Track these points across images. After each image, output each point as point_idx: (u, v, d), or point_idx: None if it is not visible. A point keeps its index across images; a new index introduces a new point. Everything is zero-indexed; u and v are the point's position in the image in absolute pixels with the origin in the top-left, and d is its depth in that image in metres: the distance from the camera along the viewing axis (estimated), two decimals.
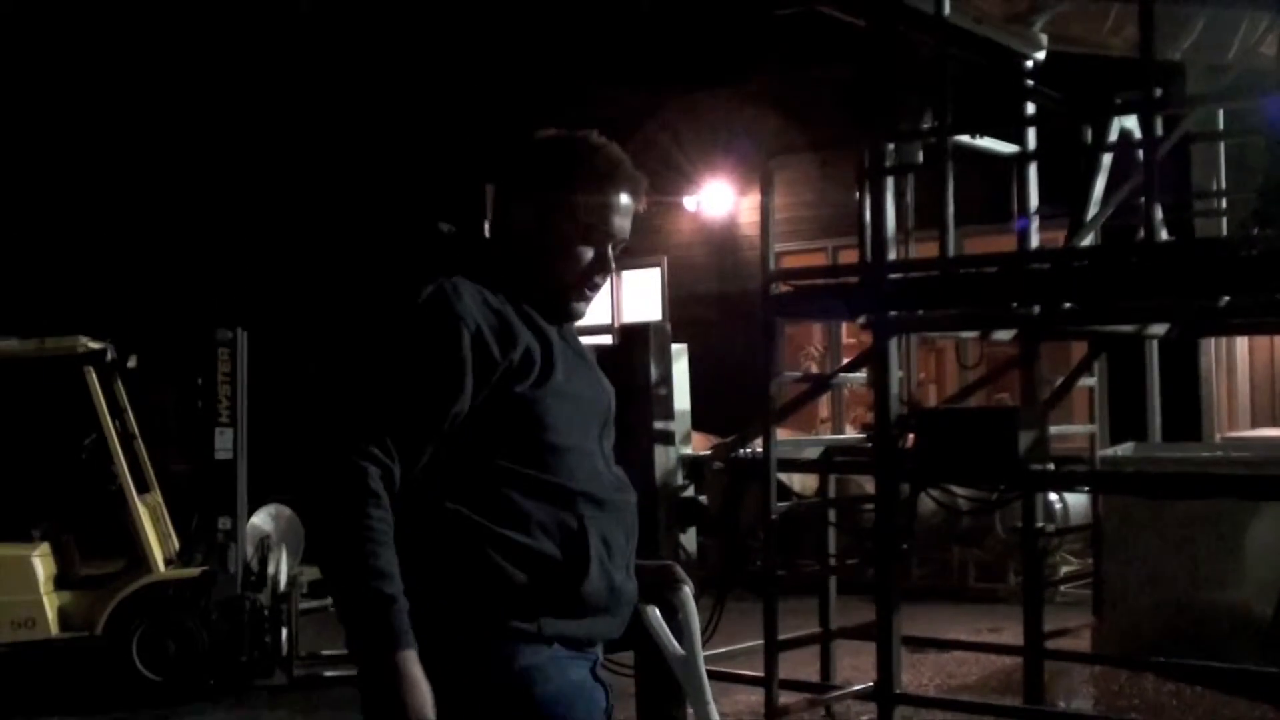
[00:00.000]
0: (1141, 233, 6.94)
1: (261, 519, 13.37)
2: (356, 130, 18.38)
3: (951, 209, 7.26)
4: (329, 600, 11.87)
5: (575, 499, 3.16)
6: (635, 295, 17.38)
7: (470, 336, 3.10)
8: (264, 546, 10.99)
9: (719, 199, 16.13)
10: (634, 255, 16.99)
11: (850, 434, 14.21)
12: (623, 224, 3.40)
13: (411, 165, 18.08)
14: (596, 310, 17.93)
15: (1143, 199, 6.70)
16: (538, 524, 3.10)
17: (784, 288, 8.26)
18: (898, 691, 7.61)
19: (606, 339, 15.22)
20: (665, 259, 16.89)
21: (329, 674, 11.06)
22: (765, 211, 8.18)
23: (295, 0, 17.96)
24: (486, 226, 3.47)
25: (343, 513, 2.94)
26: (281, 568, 10.93)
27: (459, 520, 3.07)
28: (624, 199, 3.39)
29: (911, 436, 7.58)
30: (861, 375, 8.83)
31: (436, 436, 3.08)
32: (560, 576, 3.10)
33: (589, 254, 3.35)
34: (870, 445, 7.79)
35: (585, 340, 3.56)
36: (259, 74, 18.45)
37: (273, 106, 18.55)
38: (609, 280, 3.55)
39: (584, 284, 3.37)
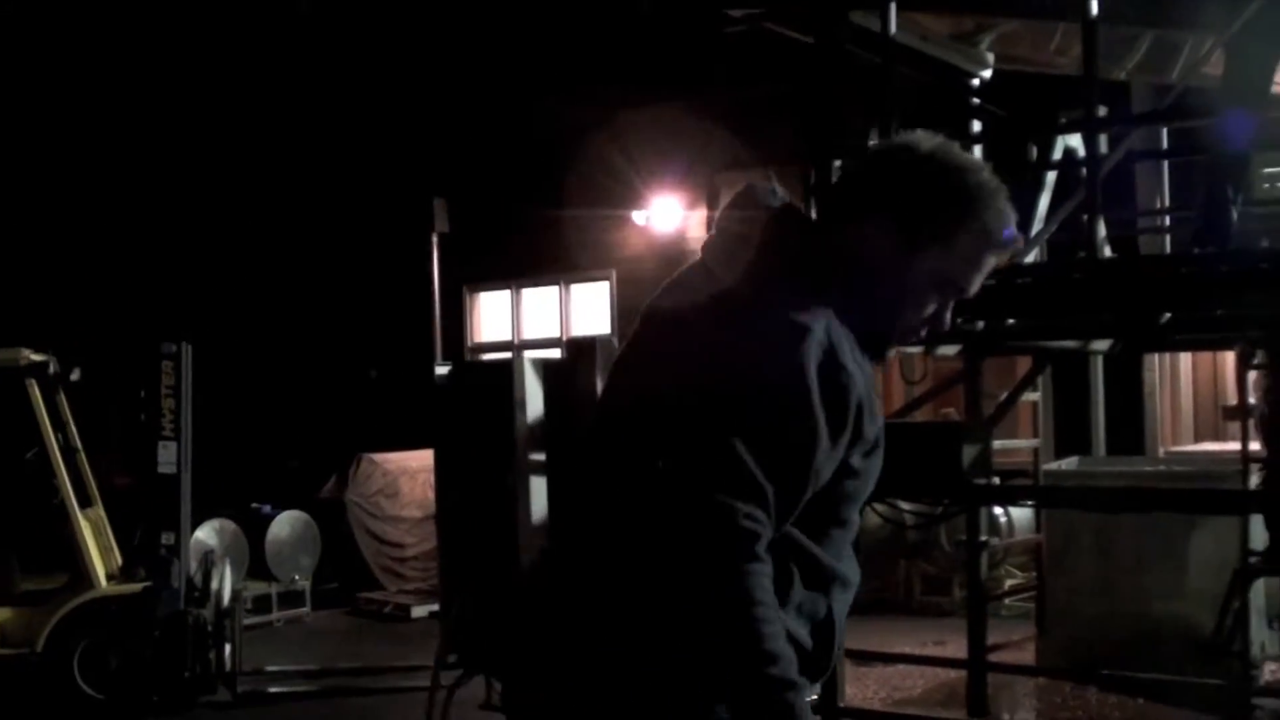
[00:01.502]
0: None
1: (206, 533, 13.35)
2: (300, 143, 18.30)
3: None
4: (274, 615, 11.85)
5: (833, 581, 2.86)
6: (584, 309, 17.41)
7: (855, 402, 2.74)
8: (208, 561, 10.93)
9: (668, 213, 16.15)
10: (583, 269, 17.05)
11: None
12: (978, 284, 3.01)
13: (357, 177, 18.02)
14: (546, 324, 18.06)
15: (1085, 216, 6.74)
16: (798, 606, 2.78)
17: None
18: (841, 705, 7.63)
19: (555, 353, 15.25)
20: (614, 273, 16.90)
21: (273, 690, 11.02)
22: (712, 225, 8.19)
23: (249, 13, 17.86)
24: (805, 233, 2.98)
25: (733, 583, 2.58)
26: (225, 582, 10.87)
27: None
28: (994, 262, 3.01)
29: None
30: None
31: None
32: (806, 669, 2.71)
33: (934, 306, 2.96)
34: None
35: (533, 355, 3.43)
36: (198, 87, 18.35)
37: (215, 119, 18.45)
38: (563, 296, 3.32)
39: (910, 335, 3.04)
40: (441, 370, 7.17)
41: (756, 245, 2.89)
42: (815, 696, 7.69)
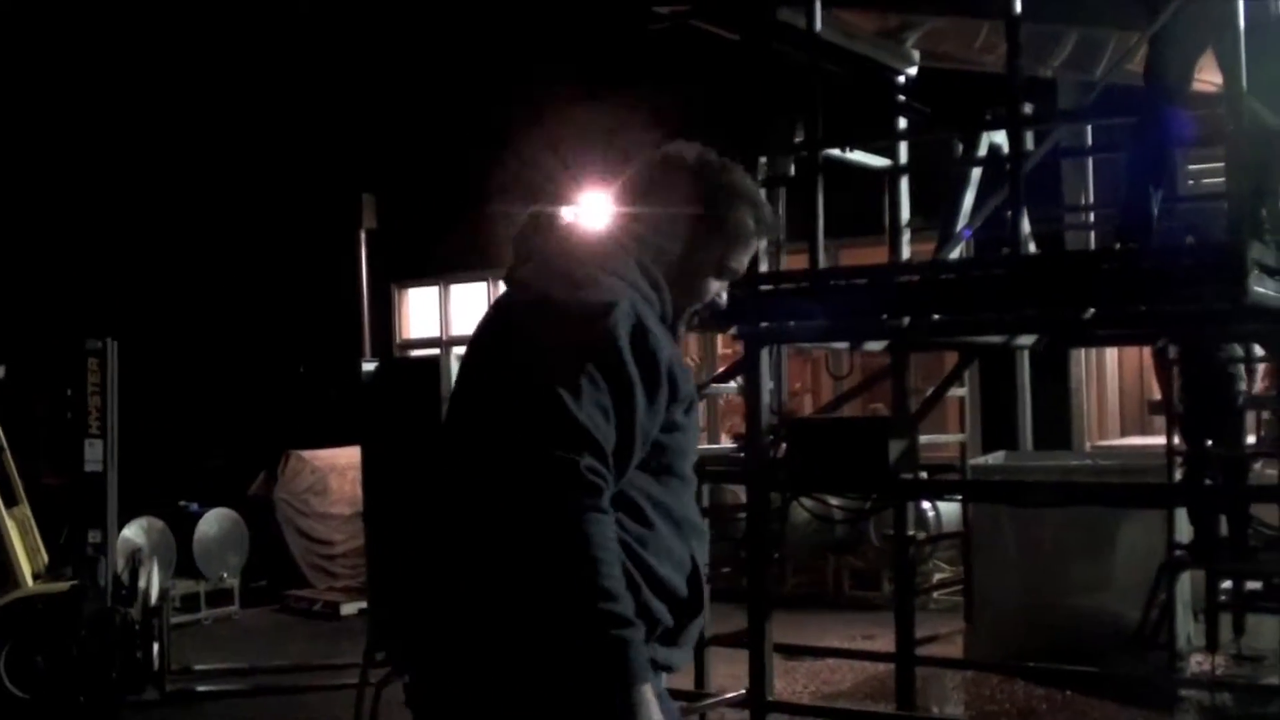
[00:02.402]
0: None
1: (133, 531, 13.23)
2: (226, 138, 18.20)
3: (822, 222, 7.33)
4: (202, 614, 11.79)
5: (690, 532, 3.15)
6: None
7: (665, 362, 3.04)
8: (135, 560, 10.84)
9: (596, 209, 16.13)
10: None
11: (725, 444, 14.28)
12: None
13: (285, 173, 17.93)
14: (475, 321, 17.89)
15: (1009, 213, 6.79)
16: (670, 557, 3.06)
17: None
18: (770, 699, 7.66)
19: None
20: None
21: (201, 689, 10.95)
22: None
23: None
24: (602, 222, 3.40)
25: (573, 528, 2.80)
26: (153, 581, 10.78)
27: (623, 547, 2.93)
28: (760, 246, 3.45)
29: (783, 446, 7.64)
30: (733, 385, 8.89)
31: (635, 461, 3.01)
32: (683, 612, 3.08)
33: (715, 288, 3.36)
34: (742, 455, 7.82)
35: (461, 352, 3.55)
36: (119, 81, 18.21)
37: (138, 114, 18.31)
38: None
39: (696, 313, 3.38)
40: (368, 367, 7.14)
41: (557, 249, 3.28)
42: (741, 692, 7.71)
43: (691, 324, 3.41)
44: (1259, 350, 8.58)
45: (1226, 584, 9.52)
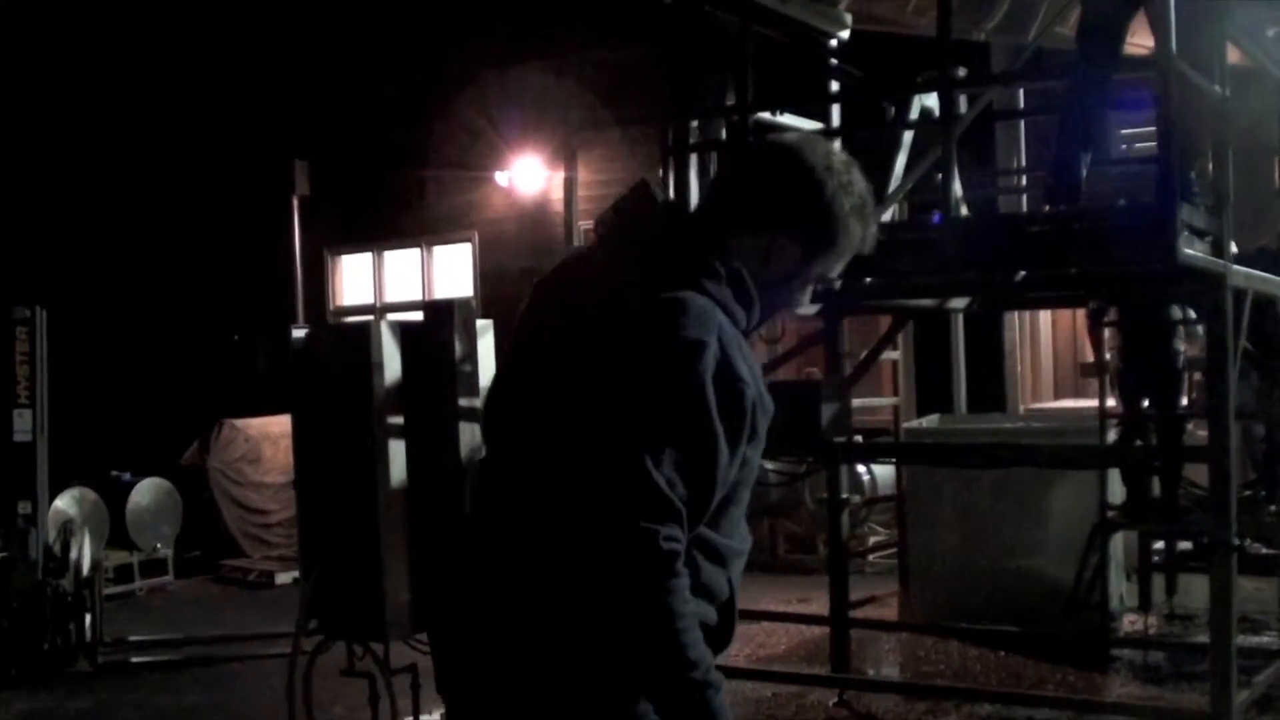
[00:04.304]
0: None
1: (65, 502, 13.11)
2: (158, 104, 18.00)
3: None
4: (136, 585, 11.69)
5: (731, 558, 3.03)
6: (446, 272, 17.28)
7: (750, 406, 2.89)
8: (66, 531, 10.74)
9: (530, 175, 16.06)
10: (445, 231, 16.94)
11: None
12: None
13: (216, 139, 17.76)
14: (409, 287, 17.93)
15: (940, 175, 6.78)
16: (706, 592, 2.95)
17: None
18: None
19: (419, 316, 15.13)
20: (476, 235, 16.79)
21: (135, 660, 10.87)
22: (569, 186, 8.20)
23: None
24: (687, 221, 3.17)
25: (655, 603, 2.76)
26: (84, 552, 10.69)
27: None
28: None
29: None
30: None
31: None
32: (712, 644, 2.94)
33: (808, 294, 3.24)
34: None
35: (393, 318, 3.46)
36: (48, 45, 17.97)
37: (66, 78, 18.08)
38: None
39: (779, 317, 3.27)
40: (298, 333, 7.05)
41: (651, 243, 3.05)
42: None
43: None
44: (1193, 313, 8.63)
45: (1158, 544, 9.62)
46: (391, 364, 6.72)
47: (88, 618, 10.47)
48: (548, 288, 3.21)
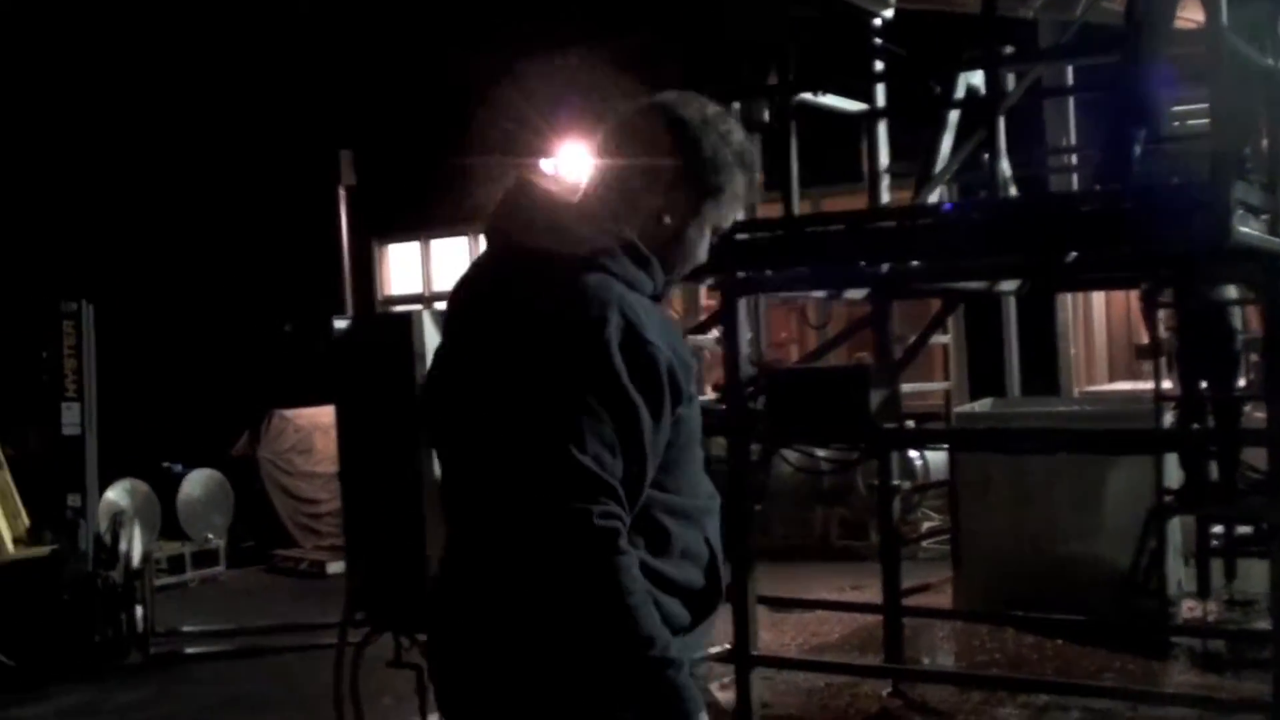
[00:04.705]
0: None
1: (117, 494, 13.17)
2: (203, 95, 18.01)
3: (795, 168, 7.20)
4: (188, 575, 11.74)
5: (702, 517, 3.09)
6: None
7: (665, 369, 2.92)
8: (116, 523, 10.76)
9: (576, 160, 15.98)
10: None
11: (710, 396, 14.17)
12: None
13: (262, 130, 17.76)
14: (456, 275, 17.76)
15: (986, 155, 6.67)
16: (682, 553, 3.01)
17: None
18: (754, 653, 7.57)
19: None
20: None
21: (188, 651, 10.90)
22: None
23: None
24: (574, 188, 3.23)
25: (599, 582, 2.78)
26: (135, 544, 10.72)
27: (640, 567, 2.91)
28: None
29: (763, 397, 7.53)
30: (710, 337, 8.80)
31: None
32: (699, 605, 3.05)
33: (705, 249, 3.24)
34: (722, 407, 7.71)
35: (439, 307, 3.44)
36: (92, 38, 17.99)
37: (115, 74, 18.11)
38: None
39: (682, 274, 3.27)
40: (340, 324, 7.02)
41: (538, 234, 3.07)
42: (726, 647, 7.64)
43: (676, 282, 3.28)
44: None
45: (1217, 529, 9.46)
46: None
47: (138, 609, 10.51)
48: (458, 298, 3.25)
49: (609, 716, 2.88)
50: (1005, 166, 7.32)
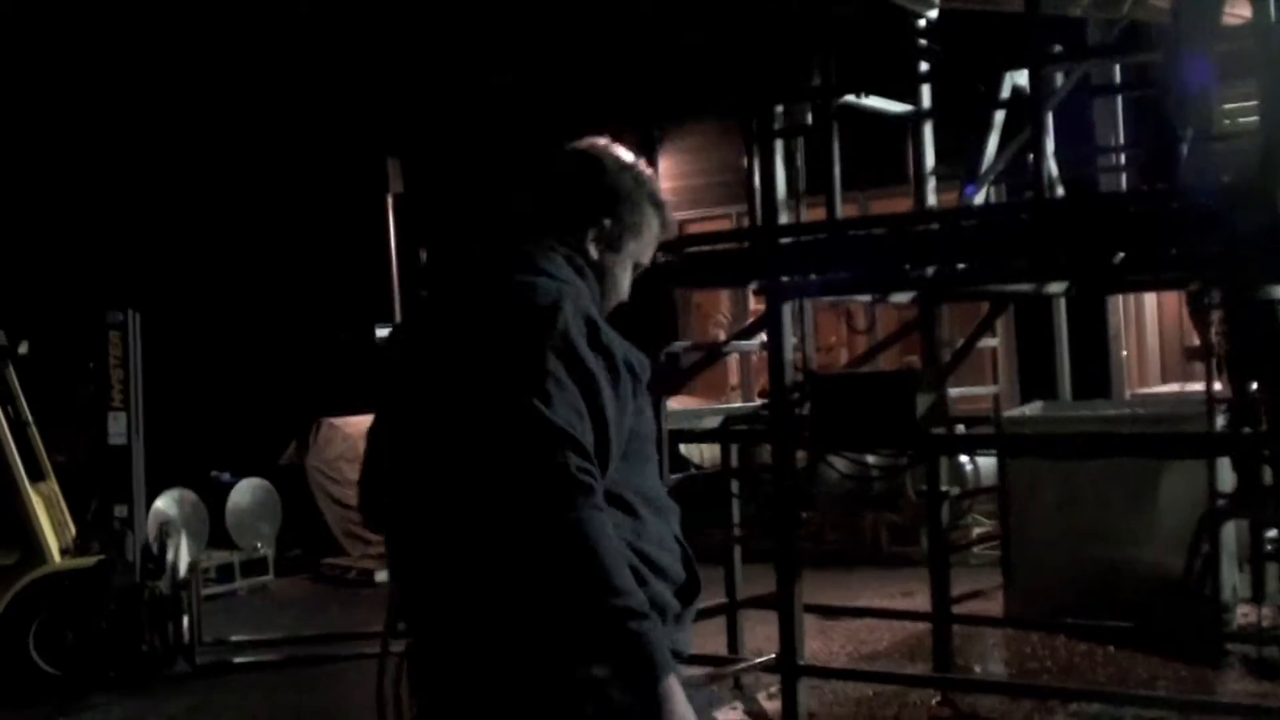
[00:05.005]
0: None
1: (165, 503, 13.19)
2: (251, 105, 18.07)
3: (838, 171, 7.14)
4: (237, 584, 11.72)
5: (668, 513, 3.19)
6: None
7: (620, 352, 3.09)
8: (164, 532, 10.76)
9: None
10: None
11: (756, 403, 14.12)
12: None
13: (310, 139, 17.80)
14: None
15: (1031, 156, 6.58)
16: (663, 544, 3.12)
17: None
18: (801, 662, 7.50)
19: None
20: None
21: (237, 660, 10.89)
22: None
23: None
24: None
25: (576, 531, 2.81)
26: (182, 553, 10.70)
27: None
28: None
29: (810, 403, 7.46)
30: (756, 342, 8.74)
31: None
32: (684, 596, 3.13)
33: (628, 284, 3.47)
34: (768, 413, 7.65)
35: None
36: (139, 49, 18.07)
37: (159, 81, 18.19)
38: None
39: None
40: (382, 332, 6.97)
41: (486, 257, 3.32)
42: (772, 656, 7.56)
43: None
44: None
45: (1272, 533, 9.31)
46: None
47: (185, 619, 10.49)
48: (396, 340, 3.48)
49: (583, 675, 2.88)
50: (1052, 166, 7.22)
